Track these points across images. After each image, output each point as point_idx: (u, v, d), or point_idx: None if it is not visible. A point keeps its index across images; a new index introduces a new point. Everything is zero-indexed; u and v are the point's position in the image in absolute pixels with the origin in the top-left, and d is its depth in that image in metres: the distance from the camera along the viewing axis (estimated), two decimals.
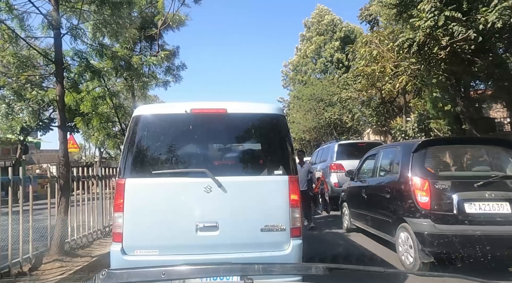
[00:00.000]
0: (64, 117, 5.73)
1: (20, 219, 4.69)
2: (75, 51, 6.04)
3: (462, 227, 4.38)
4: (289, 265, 1.24)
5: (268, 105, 3.69)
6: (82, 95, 7.52)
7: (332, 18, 34.42)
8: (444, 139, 8.83)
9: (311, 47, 34.16)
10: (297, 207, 3.30)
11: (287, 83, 37.69)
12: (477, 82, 12.67)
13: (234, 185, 3.26)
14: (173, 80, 11.29)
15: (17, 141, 16.85)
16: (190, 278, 1.23)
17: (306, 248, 3.34)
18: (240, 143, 3.90)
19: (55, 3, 5.37)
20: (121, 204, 3.18)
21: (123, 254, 3.14)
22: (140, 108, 3.60)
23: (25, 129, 12.10)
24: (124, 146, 3.49)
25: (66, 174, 5.61)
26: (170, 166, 3.42)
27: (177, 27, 10.83)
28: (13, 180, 4.67)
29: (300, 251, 3.26)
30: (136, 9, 8.95)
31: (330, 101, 25.67)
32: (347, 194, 7.69)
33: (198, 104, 3.47)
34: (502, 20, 7.26)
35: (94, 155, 31.27)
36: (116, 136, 11.02)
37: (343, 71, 29.97)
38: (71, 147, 13.92)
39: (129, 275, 1.13)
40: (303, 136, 28.96)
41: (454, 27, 8.14)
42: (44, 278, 4.50)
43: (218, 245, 3.18)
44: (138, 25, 9.35)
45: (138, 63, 7.86)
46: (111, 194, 7.12)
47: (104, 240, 6.68)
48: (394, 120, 17.51)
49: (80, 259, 5.33)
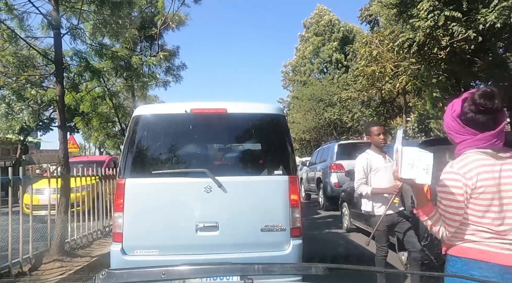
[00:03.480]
0: (64, 117, 5.73)
1: (20, 219, 4.69)
2: (75, 51, 6.04)
3: None
4: (289, 265, 1.24)
5: (268, 105, 3.69)
6: (81, 95, 7.52)
7: (330, 18, 34.41)
8: (444, 139, 8.82)
9: (309, 47, 34.17)
10: (297, 207, 3.30)
11: (287, 83, 37.72)
12: (477, 82, 12.68)
13: (234, 185, 3.26)
14: (173, 80, 11.32)
15: (17, 141, 16.84)
16: (190, 278, 1.23)
17: (306, 248, 3.34)
18: (240, 143, 3.91)
19: (55, 3, 5.36)
20: (121, 204, 3.18)
21: (123, 254, 3.14)
22: (140, 108, 3.60)
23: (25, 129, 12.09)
24: (124, 146, 3.49)
25: (66, 174, 5.61)
26: (170, 166, 3.42)
27: (177, 27, 10.85)
28: (13, 180, 4.67)
29: (300, 251, 3.26)
30: (136, 9, 8.96)
31: (330, 101, 25.68)
32: (347, 194, 7.69)
33: (198, 104, 3.47)
34: (502, 20, 7.27)
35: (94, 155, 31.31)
36: (116, 136, 11.04)
37: (343, 71, 30.01)
38: (71, 147, 13.92)
39: (129, 275, 1.13)
40: (303, 136, 28.98)
41: (454, 27, 8.14)
42: (44, 278, 4.50)
43: (218, 245, 3.18)
44: (138, 25, 9.36)
45: (138, 63, 7.86)
46: (111, 194, 7.12)
47: (104, 240, 6.68)
48: (394, 120, 17.53)
49: (80, 259, 5.33)
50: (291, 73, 36.57)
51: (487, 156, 1.59)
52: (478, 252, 1.57)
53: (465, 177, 1.57)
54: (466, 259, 1.59)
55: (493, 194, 1.56)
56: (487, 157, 1.59)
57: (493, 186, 1.56)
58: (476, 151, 1.61)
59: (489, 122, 1.57)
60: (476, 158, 1.60)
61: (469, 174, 1.57)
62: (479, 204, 1.57)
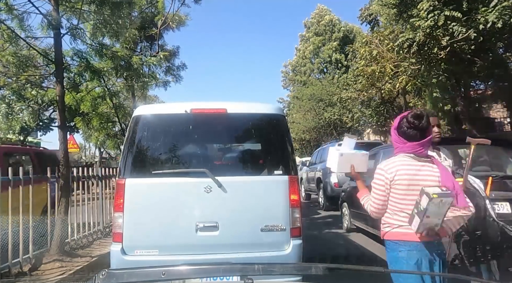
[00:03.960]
0: (64, 117, 5.73)
1: (20, 219, 4.69)
2: (75, 51, 6.05)
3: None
4: (289, 265, 1.24)
5: (268, 105, 3.69)
6: (82, 95, 7.52)
7: (331, 18, 34.39)
8: (444, 139, 8.82)
9: (310, 47, 34.16)
10: (297, 207, 3.30)
11: (287, 83, 37.70)
12: (477, 82, 12.67)
13: (234, 185, 3.26)
14: (173, 80, 11.32)
15: (17, 141, 16.85)
16: (190, 278, 1.23)
17: (306, 248, 3.34)
18: (240, 143, 3.90)
19: (55, 3, 5.36)
20: (121, 204, 3.18)
21: (123, 254, 3.14)
22: (140, 108, 3.60)
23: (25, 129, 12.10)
24: (124, 146, 3.49)
25: (66, 174, 5.61)
26: (170, 166, 3.43)
27: (177, 27, 10.84)
28: (13, 180, 4.67)
29: (300, 251, 3.26)
30: (136, 9, 8.95)
31: (330, 101, 25.67)
32: (347, 194, 7.68)
33: (198, 104, 3.47)
34: (502, 20, 7.25)
35: (94, 155, 31.26)
36: (116, 136, 11.03)
37: (343, 71, 29.99)
38: (71, 147, 13.92)
39: (129, 275, 1.13)
40: (303, 136, 28.97)
41: (454, 27, 8.13)
42: (44, 278, 4.50)
43: (218, 245, 3.18)
44: (138, 25, 9.35)
45: (138, 63, 7.86)
46: (111, 194, 7.12)
47: (104, 240, 6.68)
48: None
49: (80, 259, 5.33)
50: (291, 73, 36.54)
51: (410, 159, 2.23)
52: (402, 234, 2.18)
53: (386, 172, 2.23)
54: (396, 240, 2.22)
55: (407, 185, 2.17)
56: (409, 159, 2.23)
57: (407, 180, 2.18)
58: (403, 155, 2.26)
59: (416, 135, 2.20)
60: (399, 159, 2.26)
61: (390, 170, 2.22)
62: (397, 192, 2.21)
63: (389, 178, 2.20)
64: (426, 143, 2.23)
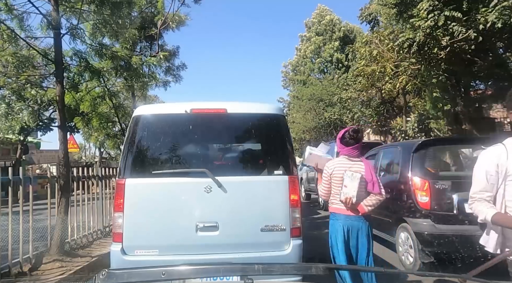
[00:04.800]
0: (64, 117, 5.73)
1: (20, 219, 4.69)
2: (75, 51, 6.04)
3: (462, 227, 4.38)
4: (289, 265, 1.24)
5: (268, 105, 3.70)
6: (81, 95, 7.52)
7: (332, 18, 34.38)
8: (444, 139, 8.83)
9: (310, 47, 34.15)
10: (297, 207, 3.31)
11: (287, 83, 37.67)
12: (477, 82, 12.66)
13: (234, 185, 3.27)
14: (173, 80, 11.31)
15: (17, 141, 16.85)
16: (190, 278, 1.23)
17: (306, 248, 3.34)
18: (240, 143, 3.91)
19: (54, 3, 5.36)
20: (121, 204, 3.19)
21: (123, 254, 3.14)
22: (140, 108, 3.60)
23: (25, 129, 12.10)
24: (124, 146, 3.49)
25: (66, 174, 5.61)
26: (170, 166, 3.43)
27: (177, 27, 10.82)
28: (13, 180, 4.67)
29: (300, 251, 3.26)
30: (136, 9, 8.95)
31: (330, 101, 25.65)
32: None
33: (198, 104, 3.47)
34: (502, 20, 7.26)
35: (94, 155, 31.24)
36: (116, 136, 11.02)
37: (343, 71, 29.97)
38: (71, 147, 13.93)
39: (129, 275, 1.13)
40: (303, 136, 28.95)
41: (454, 27, 8.13)
42: (44, 278, 4.50)
43: (218, 245, 3.19)
44: (138, 25, 9.34)
45: (138, 63, 7.86)
46: (111, 194, 7.12)
47: (104, 240, 6.68)
48: (394, 120, 17.51)
49: (80, 259, 5.33)
50: (291, 73, 36.51)
51: (345, 159, 3.35)
52: (336, 209, 3.34)
53: (328, 168, 3.35)
54: (333, 213, 3.38)
55: (340, 179, 3.24)
56: (345, 159, 3.34)
57: (340, 174, 3.25)
58: (342, 157, 3.38)
59: (352, 143, 3.31)
60: (339, 160, 3.38)
61: (331, 167, 3.34)
62: (334, 183, 3.30)
63: (329, 172, 3.33)
64: (358, 148, 3.32)
